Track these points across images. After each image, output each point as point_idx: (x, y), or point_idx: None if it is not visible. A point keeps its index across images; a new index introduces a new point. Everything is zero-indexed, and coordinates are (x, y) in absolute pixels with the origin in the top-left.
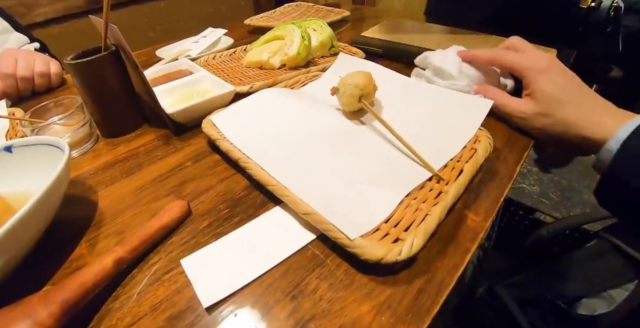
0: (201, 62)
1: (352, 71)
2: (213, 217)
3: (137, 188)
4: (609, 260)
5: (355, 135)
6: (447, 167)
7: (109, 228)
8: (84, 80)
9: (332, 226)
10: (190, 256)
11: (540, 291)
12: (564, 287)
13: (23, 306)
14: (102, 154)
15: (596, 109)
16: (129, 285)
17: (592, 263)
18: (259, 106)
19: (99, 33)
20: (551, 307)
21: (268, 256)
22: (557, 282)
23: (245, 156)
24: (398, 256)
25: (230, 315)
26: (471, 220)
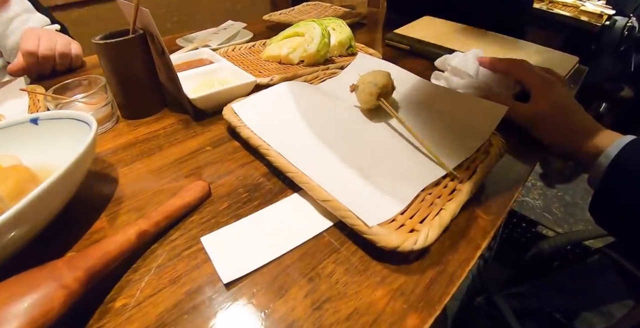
0: (221, 53)
1: (370, 70)
2: (233, 199)
3: (158, 168)
4: (610, 276)
5: (372, 131)
6: (460, 167)
7: (129, 204)
8: (111, 61)
9: (351, 213)
10: (211, 234)
11: (539, 303)
12: (563, 301)
13: (49, 269)
14: (122, 134)
15: (594, 124)
16: (149, 259)
17: (592, 279)
18: (280, 97)
19: (117, 19)
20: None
21: (286, 239)
22: (557, 295)
23: (266, 143)
24: (414, 245)
25: (248, 292)
26: (482, 218)
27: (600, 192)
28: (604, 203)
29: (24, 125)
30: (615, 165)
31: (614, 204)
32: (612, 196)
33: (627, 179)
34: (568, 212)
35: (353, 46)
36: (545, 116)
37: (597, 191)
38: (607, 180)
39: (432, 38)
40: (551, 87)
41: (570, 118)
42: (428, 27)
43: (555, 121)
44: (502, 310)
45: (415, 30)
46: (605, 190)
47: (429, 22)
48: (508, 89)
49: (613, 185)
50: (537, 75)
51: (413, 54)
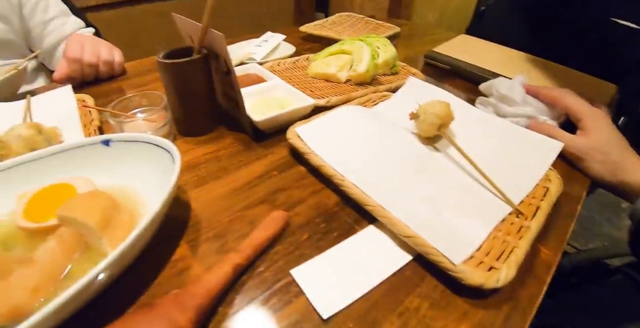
0: (267, 67)
1: (423, 96)
2: (311, 230)
3: (228, 193)
4: (631, 296)
5: (435, 161)
6: (522, 203)
7: (208, 231)
8: (174, 79)
9: (435, 250)
10: (300, 267)
11: (557, 320)
12: (582, 319)
13: (159, 310)
14: (182, 153)
15: (638, 160)
16: (241, 292)
17: (612, 298)
18: (342, 123)
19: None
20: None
21: (372, 273)
22: (576, 313)
23: (339, 173)
24: (496, 283)
25: (344, 327)
26: (544, 253)
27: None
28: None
29: (95, 147)
30: None
31: None
32: None
33: None
34: (584, 227)
35: (397, 65)
36: (594, 149)
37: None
38: None
39: (472, 58)
40: (600, 121)
41: (618, 153)
42: (466, 46)
43: (603, 155)
44: None
45: (454, 49)
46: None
47: (466, 41)
48: (554, 118)
49: None
50: (584, 106)
51: (453, 74)
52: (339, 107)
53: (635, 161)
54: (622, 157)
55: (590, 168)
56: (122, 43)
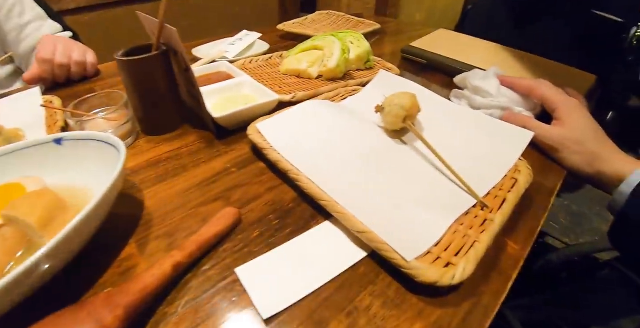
0: (238, 65)
1: (392, 89)
2: (264, 227)
3: (184, 190)
4: (619, 290)
5: (399, 155)
6: (489, 195)
7: (158, 229)
8: (133, 77)
9: (388, 246)
10: (245, 265)
11: (547, 316)
12: (572, 314)
13: (88, 308)
14: (143, 152)
15: (615, 150)
16: (183, 291)
17: (601, 293)
18: (305, 117)
19: (129, 25)
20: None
21: (322, 270)
22: (566, 308)
23: (295, 168)
24: (452, 280)
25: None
26: (511, 248)
27: (620, 219)
28: (624, 231)
29: (47, 146)
30: (637, 194)
31: (634, 232)
32: (632, 224)
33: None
34: (575, 222)
35: (371, 60)
36: (570, 140)
37: (618, 218)
38: (628, 208)
39: (449, 52)
40: (576, 110)
41: (594, 143)
42: (444, 40)
43: (579, 146)
44: (510, 322)
45: (431, 44)
46: (626, 218)
47: (444, 35)
48: (529, 109)
49: (634, 214)
50: (560, 96)
51: (430, 68)
52: (305, 102)
53: (611, 151)
54: (599, 147)
55: (566, 159)
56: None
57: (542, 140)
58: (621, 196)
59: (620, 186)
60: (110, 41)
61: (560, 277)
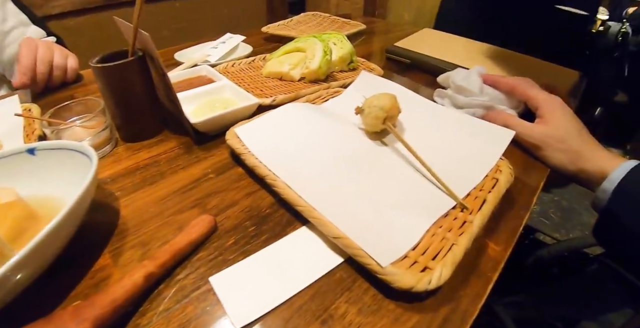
0: (220, 69)
1: (374, 90)
2: (239, 234)
3: (161, 198)
4: (609, 285)
5: (379, 157)
6: (469, 196)
7: (133, 238)
8: (109, 84)
9: (363, 252)
10: (219, 274)
11: (538, 312)
12: (562, 310)
13: (55, 322)
14: (122, 159)
15: (597, 147)
16: (156, 301)
17: (591, 288)
18: (284, 121)
19: (115, 29)
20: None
21: (297, 277)
22: (557, 304)
23: (272, 173)
24: (428, 285)
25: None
26: (492, 249)
27: (604, 216)
28: (609, 227)
29: (20, 156)
30: (620, 191)
31: (618, 229)
32: (616, 221)
33: (631, 205)
34: (565, 217)
35: (354, 61)
36: (553, 138)
37: (602, 215)
38: (612, 205)
39: (433, 52)
40: (558, 108)
41: (577, 141)
42: (428, 39)
43: (562, 143)
44: (502, 319)
45: (416, 43)
46: (610, 214)
47: (429, 34)
48: (513, 107)
49: (617, 210)
50: (542, 94)
51: (414, 68)
52: (285, 105)
53: (594, 148)
54: (581, 145)
55: (550, 157)
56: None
57: (525, 139)
58: (604, 193)
59: (602, 183)
60: (96, 46)
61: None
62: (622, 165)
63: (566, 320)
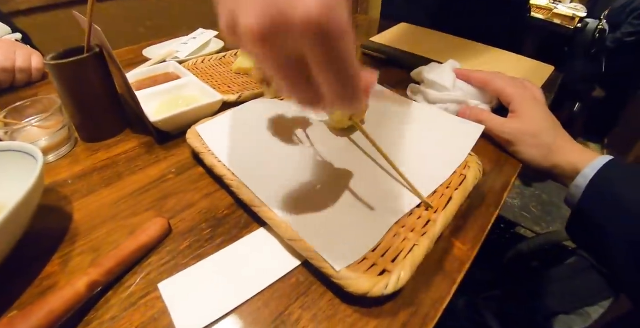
0: (189, 65)
1: None
2: (194, 237)
3: (116, 200)
4: (587, 278)
5: (344, 155)
6: (436, 193)
7: (83, 244)
8: (65, 82)
9: (318, 255)
10: (169, 280)
11: (519, 306)
12: (542, 303)
13: None
14: (80, 160)
15: (570, 142)
16: (102, 310)
17: (570, 281)
18: (247, 118)
19: None
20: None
21: (251, 283)
22: (536, 297)
23: (231, 173)
24: (384, 290)
25: None
26: (458, 249)
27: (577, 213)
28: (581, 225)
29: None
30: (592, 187)
31: (590, 226)
32: (588, 218)
33: (603, 202)
34: (545, 211)
35: None
36: (526, 133)
37: (574, 212)
38: (584, 201)
39: (409, 46)
40: (531, 103)
41: (550, 135)
42: (405, 34)
43: (535, 139)
44: (483, 313)
45: (392, 38)
46: (582, 211)
47: (406, 29)
48: (486, 102)
49: (590, 207)
50: (515, 89)
51: (390, 64)
52: (250, 101)
53: (567, 143)
54: (554, 140)
55: (522, 152)
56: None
57: (497, 134)
58: (577, 189)
59: (576, 179)
60: (65, 43)
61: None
62: (596, 161)
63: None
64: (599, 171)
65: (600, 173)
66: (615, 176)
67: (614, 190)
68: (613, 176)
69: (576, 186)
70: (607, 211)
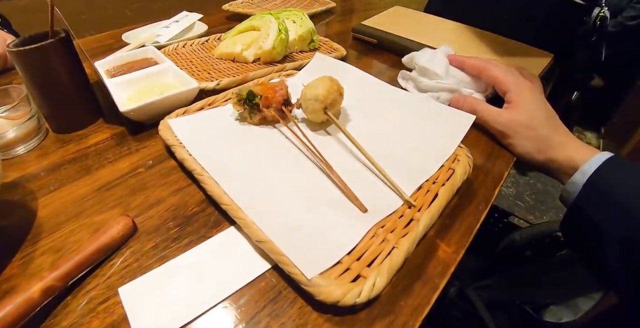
0: (169, 50)
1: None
2: (160, 236)
3: (82, 196)
4: (578, 269)
5: (321, 152)
6: (421, 189)
7: (45, 244)
8: (29, 70)
9: (288, 259)
10: (130, 284)
11: (509, 296)
12: (533, 293)
13: None
14: (49, 152)
15: (568, 136)
16: (60, 316)
17: (561, 272)
18: (221, 117)
19: (69, 9)
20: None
21: (216, 288)
22: (527, 288)
23: (201, 167)
24: (357, 298)
25: None
26: (443, 251)
27: (572, 211)
28: (576, 221)
29: None
30: (591, 184)
31: (586, 223)
32: (584, 215)
33: (601, 201)
34: (539, 200)
35: (315, 41)
36: (521, 124)
37: (570, 210)
38: (581, 198)
39: (401, 31)
40: (528, 93)
41: (546, 128)
42: (398, 18)
43: (530, 131)
44: (474, 302)
45: (384, 22)
46: (578, 210)
47: (400, 12)
48: (480, 91)
49: (586, 206)
50: (511, 77)
51: (381, 48)
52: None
53: (564, 136)
54: (550, 132)
55: (517, 145)
56: None
57: (491, 125)
58: (574, 186)
59: (574, 175)
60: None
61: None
62: (595, 157)
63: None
64: (598, 168)
65: (600, 170)
66: (615, 174)
67: (613, 188)
68: (613, 174)
69: (573, 182)
70: (604, 209)
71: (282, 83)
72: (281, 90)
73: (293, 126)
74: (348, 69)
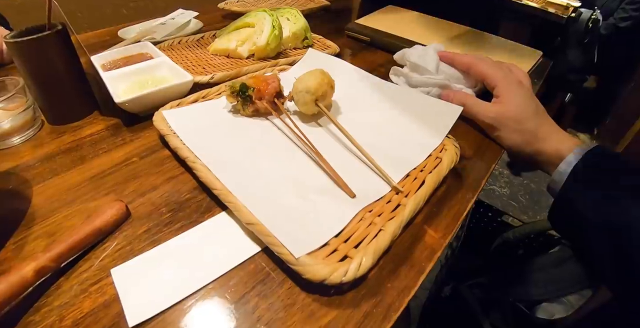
0: (165, 46)
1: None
2: (153, 221)
3: (76, 184)
4: (569, 266)
5: (312, 140)
6: (409, 177)
7: (39, 229)
8: (25, 61)
9: (276, 240)
10: (122, 265)
11: (502, 293)
12: (525, 291)
13: None
14: (44, 143)
15: (554, 128)
16: (53, 296)
17: (553, 269)
18: (215, 108)
19: (65, 7)
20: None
21: (207, 268)
22: (520, 285)
23: (194, 155)
24: (343, 277)
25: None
26: (430, 236)
27: (559, 200)
28: (563, 212)
29: None
30: (575, 174)
31: (572, 213)
32: (570, 205)
33: (586, 189)
34: (533, 200)
35: (309, 38)
36: (509, 118)
37: (557, 199)
38: (567, 188)
39: (394, 29)
40: (515, 87)
41: (534, 121)
42: (391, 17)
43: (518, 124)
44: (467, 300)
45: (377, 21)
46: (565, 198)
47: (392, 11)
48: (470, 86)
49: (572, 194)
50: (500, 73)
51: (374, 46)
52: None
53: (550, 129)
54: (538, 126)
55: (505, 137)
56: None
57: (480, 118)
58: (560, 176)
59: (559, 165)
60: None
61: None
62: (580, 147)
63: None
64: (582, 158)
65: (584, 160)
66: (599, 163)
67: (597, 177)
68: (597, 163)
69: (559, 172)
70: (589, 198)
71: (274, 76)
72: (273, 82)
73: (285, 118)
74: (340, 63)
